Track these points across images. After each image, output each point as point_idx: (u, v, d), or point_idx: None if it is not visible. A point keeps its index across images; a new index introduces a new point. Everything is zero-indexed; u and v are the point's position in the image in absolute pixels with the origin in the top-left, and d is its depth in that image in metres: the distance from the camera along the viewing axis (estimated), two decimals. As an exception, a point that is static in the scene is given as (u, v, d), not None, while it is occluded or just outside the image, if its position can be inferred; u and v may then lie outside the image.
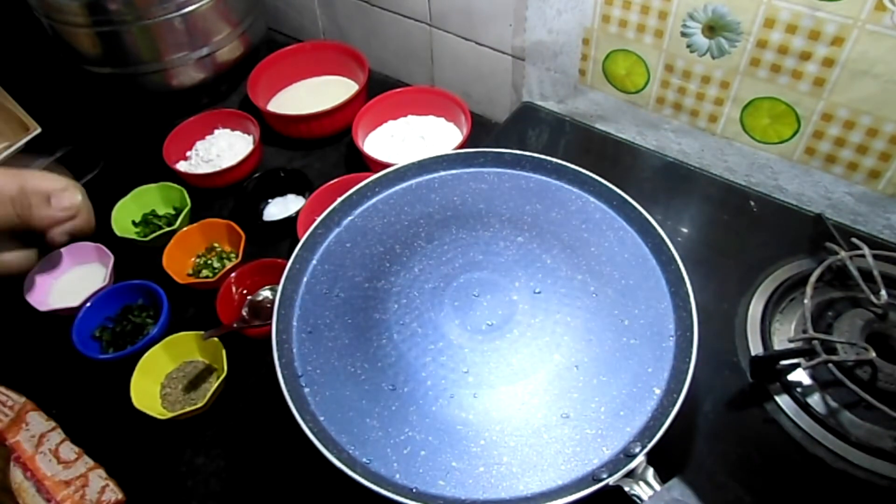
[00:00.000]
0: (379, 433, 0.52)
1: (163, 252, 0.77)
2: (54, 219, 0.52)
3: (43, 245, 0.56)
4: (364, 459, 0.51)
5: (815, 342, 0.59)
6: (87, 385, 0.71)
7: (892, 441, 0.56)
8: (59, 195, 0.52)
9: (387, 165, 0.71)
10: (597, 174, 0.67)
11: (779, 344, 0.64)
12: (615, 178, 0.66)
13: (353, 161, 0.93)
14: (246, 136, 0.95)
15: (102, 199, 0.85)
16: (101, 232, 0.81)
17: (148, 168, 0.89)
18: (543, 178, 0.69)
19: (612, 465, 0.50)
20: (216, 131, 0.96)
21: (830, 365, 0.58)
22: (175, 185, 0.85)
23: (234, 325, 0.68)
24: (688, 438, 0.59)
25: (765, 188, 0.79)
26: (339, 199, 0.67)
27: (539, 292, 0.60)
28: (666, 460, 0.50)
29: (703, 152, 0.81)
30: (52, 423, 0.66)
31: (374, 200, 0.69)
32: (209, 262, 0.80)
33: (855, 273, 0.64)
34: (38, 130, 0.88)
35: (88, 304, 0.73)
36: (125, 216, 0.84)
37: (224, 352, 0.68)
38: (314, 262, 0.64)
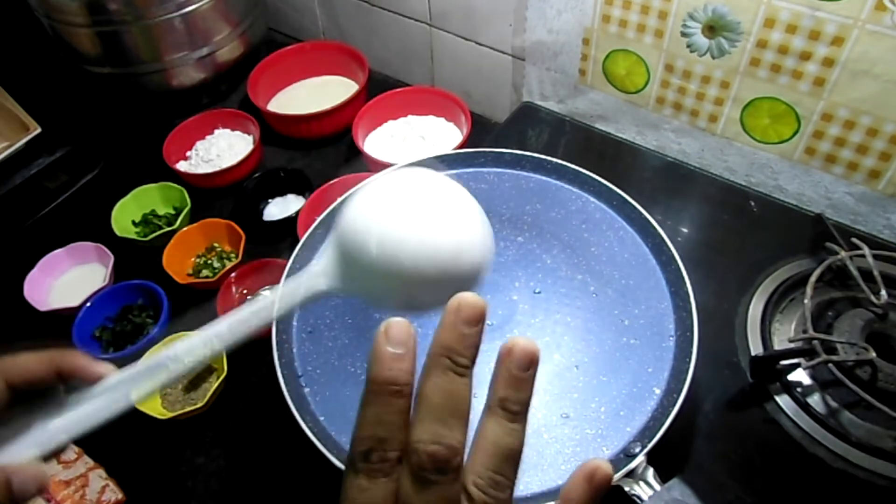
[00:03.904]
0: (379, 433, 0.52)
1: (163, 252, 0.77)
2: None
3: None
4: (364, 459, 0.51)
5: (815, 342, 0.59)
6: (87, 385, 0.71)
7: (892, 441, 0.56)
8: (20, 475, 0.35)
9: (387, 165, 0.71)
10: (597, 174, 0.67)
11: (779, 344, 0.64)
12: (615, 178, 0.66)
13: (353, 161, 0.93)
14: (246, 136, 0.95)
15: (102, 199, 0.85)
16: (101, 232, 0.81)
17: (148, 168, 0.89)
18: (543, 178, 0.69)
19: (612, 465, 0.50)
20: (216, 131, 0.96)
21: (830, 365, 0.58)
22: (175, 185, 0.85)
23: (234, 325, 0.68)
24: (688, 438, 0.59)
25: (765, 188, 0.79)
26: (339, 199, 0.67)
27: (539, 292, 0.60)
28: (666, 460, 0.50)
29: (703, 152, 0.81)
30: (52, 423, 0.66)
31: (374, 200, 0.68)
32: (209, 262, 0.80)
33: (855, 273, 0.64)
34: (38, 130, 0.88)
35: (88, 304, 0.73)
36: (125, 216, 0.84)
37: (224, 352, 0.68)
38: (314, 262, 0.64)
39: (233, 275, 0.75)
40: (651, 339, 0.57)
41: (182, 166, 0.91)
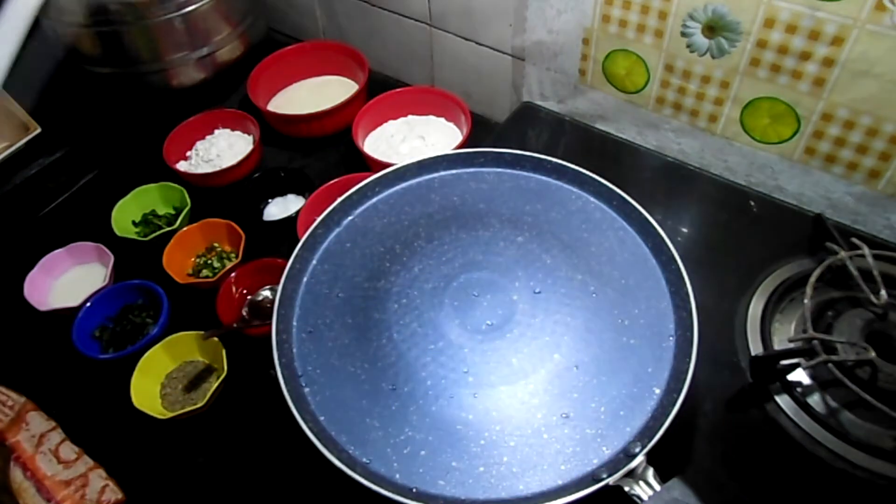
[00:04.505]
0: (379, 433, 0.52)
1: (163, 252, 0.77)
2: None
3: None
4: (364, 459, 0.51)
5: (815, 342, 0.59)
6: (87, 385, 0.71)
7: (892, 441, 0.56)
8: None
9: (387, 165, 0.71)
10: (597, 174, 0.67)
11: (779, 344, 0.64)
12: (615, 178, 0.66)
13: (353, 161, 0.93)
14: (246, 136, 0.95)
15: (102, 199, 0.85)
16: (101, 232, 0.81)
17: (148, 168, 0.89)
18: (543, 178, 0.69)
19: (612, 465, 0.50)
20: (216, 131, 0.96)
21: (830, 365, 0.58)
22: (175, 185, 0.85)
23: (234, 325, 0.68)
24: (688, 438, 0.59)
25: (765, 188, 0.79)
26: (339, 199, 0.67)
27: (539, 292, 0.60)
28: (666, 460, 0.50)
29: (703, 152, 0.81)
30: (52, 423, 0.66)
31: (374, 200, 0.69)
32: (209, 262, 0.80)
33: (855, 273, 0.64)
34: (38, 130, 0.88)
35: (88, 304, 0.73)
36: (125, 216, 0.84)
37: (224, 352, 0.68)
38: (314, 262, 0.64)
39: (233, 275, 0.75)
40: (651, 339, 0.57)
41: (182, 166, 0.91)
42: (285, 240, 0.82)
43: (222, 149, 0.92)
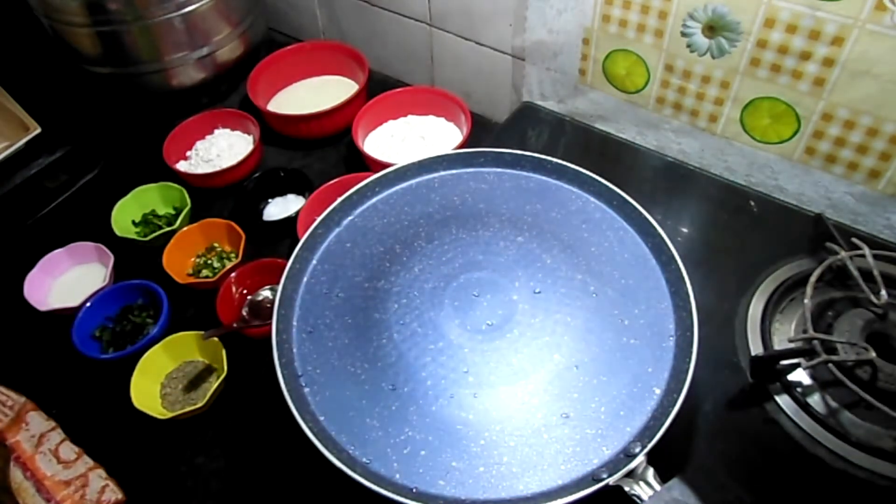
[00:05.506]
0: (379, 433, 0.52)
1: (163, 252, 0.77)
2: None
3: None
4: (364, 459, 0.51)
5: (815, 342, 0.59)
6: (87, 385, 0.71)
7: (892, 441, 0.56)
8: None
9: (387, 165, 0.71)
10: (597, 174, 0.67)
11: (779, 344, 0.64)
12: (615, 178, 0.66)
13: (353, 161, 0.93)
14: (246, 136, 0.95)
15: (102, 199, 0.85)
16: (101, 232, 0.81)
17: (148, 168, 0.89)
18: (543, 178, 0.69)
19: (612, 465, 0.50)
20: (216, 131, 0.96)
21: (830, 365, 0.58)
22: (175, 185, 0.85)
23: (234, 325, 0.68)
24: (688, 438, 0.59)
25: (765, 188, 0.79)
26: (339, 199, 0.67)
27: (539, 292, 0.60)
28: (666, 460, 0.50)
29: (703, 152, 0.81)
30: (52, 423, 0.66)
31: (374, 200, 0.69)
32: (209, 262, 0.80)
33: (855, 273, 0.64)
34: (38, 130, 0.88)
35: (88, 304, 0.73)
36: (125, 216, 0.84)
37: (224, 352, 0.68)
38: (314, 262, 0.64)
39: (233, 275, 0.75)
40: (651, 339, 0.57)
41: (182, 166, 0.91)
42: (285, 240, 0.82)
43: (222, 149, 0.92)
